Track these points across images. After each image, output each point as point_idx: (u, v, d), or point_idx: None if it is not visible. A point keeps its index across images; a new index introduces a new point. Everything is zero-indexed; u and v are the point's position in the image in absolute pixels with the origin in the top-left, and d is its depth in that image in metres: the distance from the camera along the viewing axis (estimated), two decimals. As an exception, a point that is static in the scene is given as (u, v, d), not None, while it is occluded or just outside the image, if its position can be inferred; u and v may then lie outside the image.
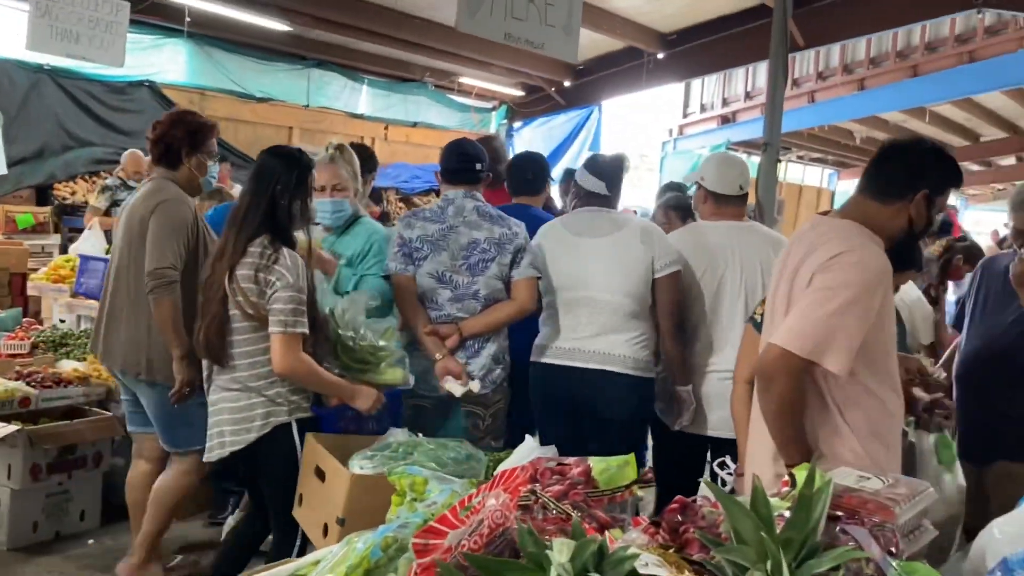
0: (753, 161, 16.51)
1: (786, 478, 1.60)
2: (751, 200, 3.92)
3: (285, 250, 2.79)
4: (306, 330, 2.76)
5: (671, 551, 1.24)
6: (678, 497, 1.35)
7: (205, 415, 2.93)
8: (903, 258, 3.03)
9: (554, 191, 5.43)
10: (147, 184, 3.51)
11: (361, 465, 2.40)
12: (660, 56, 9.90)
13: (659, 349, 3.43)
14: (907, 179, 2.26)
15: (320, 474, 2.45)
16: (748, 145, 15.33)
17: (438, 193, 10.09)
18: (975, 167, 20.22)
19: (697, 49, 9.67)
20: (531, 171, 4.07)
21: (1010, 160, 18.33)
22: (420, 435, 2.67)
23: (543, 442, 2.48)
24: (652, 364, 3.38)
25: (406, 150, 10.48)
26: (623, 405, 3.31)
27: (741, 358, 2.82)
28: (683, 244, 3.46)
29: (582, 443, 3.08)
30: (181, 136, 3.45)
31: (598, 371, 3.29)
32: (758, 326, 2.64)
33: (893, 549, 1.39)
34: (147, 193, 3.43)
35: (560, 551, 0.97)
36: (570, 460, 1.74)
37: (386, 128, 9.81)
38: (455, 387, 3.19)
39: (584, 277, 3.34)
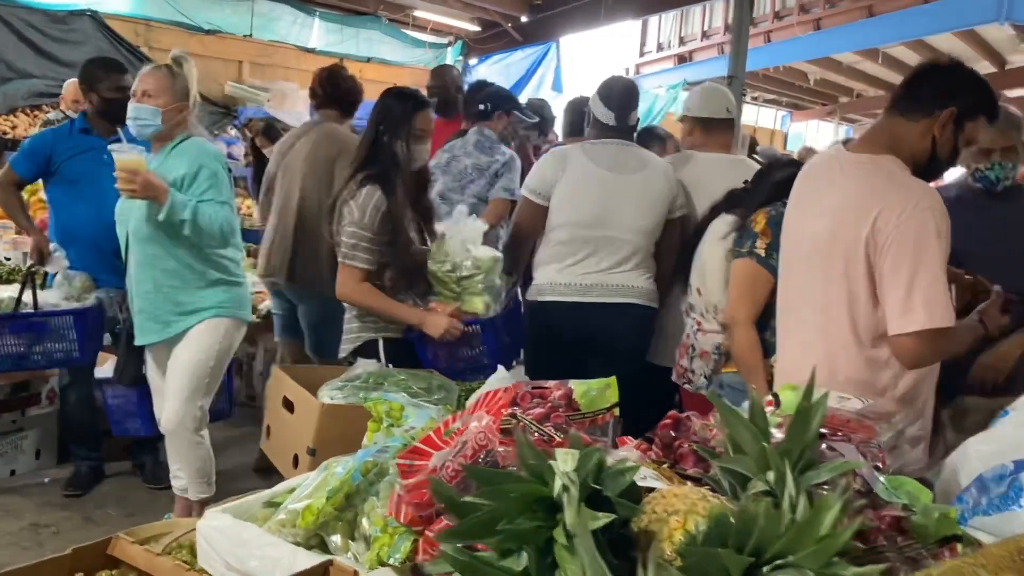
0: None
1: (769, 397, 1.59)
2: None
3: (366, 189, 2.92)
4: (363, 265, 2.92)
5: (665, 466, 1.22)
6: (671, 412, 1.34)
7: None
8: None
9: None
10: (320, 125, 4.06)
11: (331, 395, 2.37)
12: (618, -9, 9.76)
13: None
14: (935, 95, 2.17)
15: (288, 405, 2.41)
16: (704, 85, 15.31)
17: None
18: (924, 110, 20.48)
19: (656, -16, 9.55)
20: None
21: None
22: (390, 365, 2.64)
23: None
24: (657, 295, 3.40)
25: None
26: (639, 336, 3.34)
27: (740, 297, 2.69)
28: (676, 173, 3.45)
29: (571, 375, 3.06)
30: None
31: (618, 304, 3.26)
32: (764, 262, 2.58)
33: (879, 465, 1.39)
34: (327, 134, 3.99)
35: (564, 461, 0.94)
36: (550, 383, 1.72)
37: (341, 63, 9.54)
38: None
39: (610, 215, 3.25)
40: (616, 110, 3.31)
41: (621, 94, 3.35)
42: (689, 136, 3.59)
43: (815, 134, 20.89)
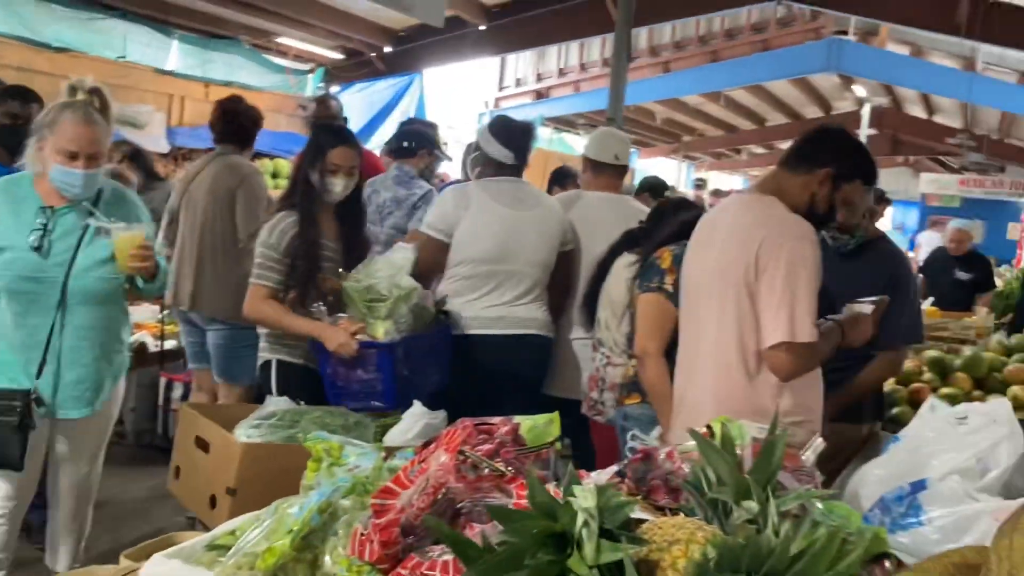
0: (564, 139, 17.02)
1: (704, 429, 1.71)
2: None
3: (281, 214, 3.12)
4: (268, 283, 3.06)
5: (639, 498, 1.31)
6: (640, 447, 1.42)
7: (254, 355, 3.26)
8: None
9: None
10: (221, 157, 4.21)
11: (248, 434, 2.34)
12: (483, 27, 9.97)
13: None
14: (818, 154, 2.41)
15: (202, 444, 2.35)
16: (560, 121, 15.79)
17: (253, 156, 9.75)
18: (759, 149, 21.85)
19: (520, 22, 9.82)
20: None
21: (789, 144, 19.89)
22: (302, 402, 2.63)
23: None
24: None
25: (218, 110, 9.95)
26: (540, 365, 3.43)
27: (650, 330, 2.83)
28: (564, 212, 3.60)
29: (494, 411, 3.09)
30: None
31: (522, 335, 3.35)
32: (672, 297, 2.72)
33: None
34: (228, 166, 4.14)
35: (584, 497, 1.01)
36: (495, 420, 1.78)
37: (207, 87, 9.27)
38: None
39: (511, 250, 3.35)
40: (515, 150, 3.44)
41: (522, 135, 3.49)
42: (583, 174, 3.83)
43: (660, 171, 21.87)
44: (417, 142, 4.39)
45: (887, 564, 1.42)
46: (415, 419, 2.49)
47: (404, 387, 2.98)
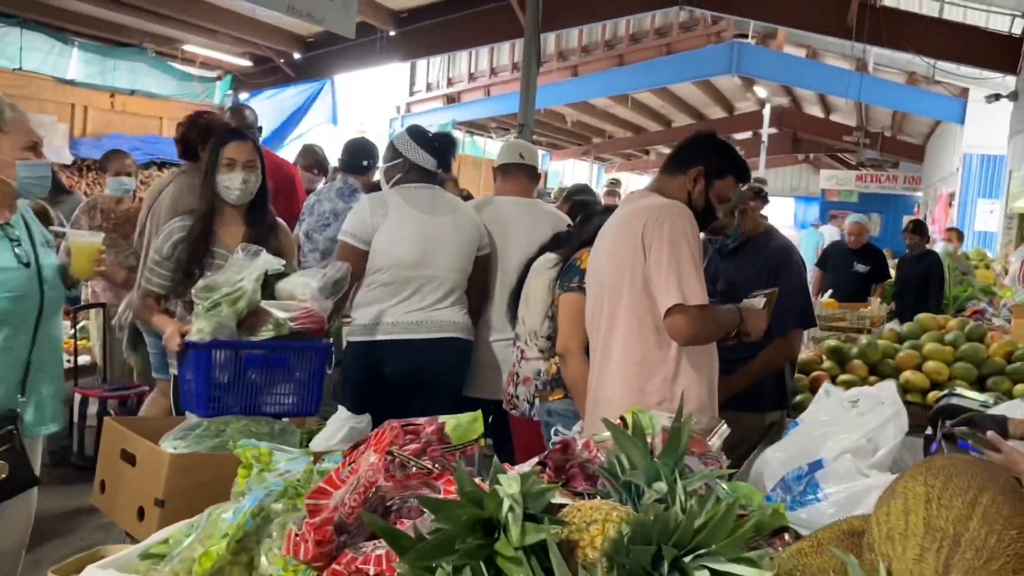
0: (476, 142, 17.11)
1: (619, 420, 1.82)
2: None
3: (178, 218, 3.15)
4: (148, 285, 3.09)
5: (559, 485, 1.41)
6: (560, 438, 1.52)
7: None
8: None
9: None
10: (185, 173, 4.11)
11: (174, 445, 2.35)
12: (392, 33, 10.00)
13: None
14: (689, 156, 2.61)
15: (128, 457, 2.36)
16: (472, 125, 15.91)
17: (160, 166, 9.57)
18: (667, 150, 22.35)
19: (429, 28, 9.89)
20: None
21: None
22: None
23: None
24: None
25: (122, 119, 9.76)
26: (461, 368, 3.49)
27: (571, 329, 2.91)
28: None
29: (417, 414, 3.13)
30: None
31: (443, 339, 3.40)
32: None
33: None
34: (191, 182, 3.94)
35: (509, 485, 1.10)
36: (421, 420, 1.86)
37: (112, 96, 9.07)
38: None
39: (430, 255, 3.40)
40: (441, 156, 3.52)
41: (446, 143, 3.59)
42: (495, 182, 3.95)
43: (572, 172, 22.19)
44: (372, 161, 4.73)
45: (786, 536, 1.55)
46: (340, 424, 2.54)
47: (225, 396, 2.74)
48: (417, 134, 3.58)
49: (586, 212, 3.51)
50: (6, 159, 2.55)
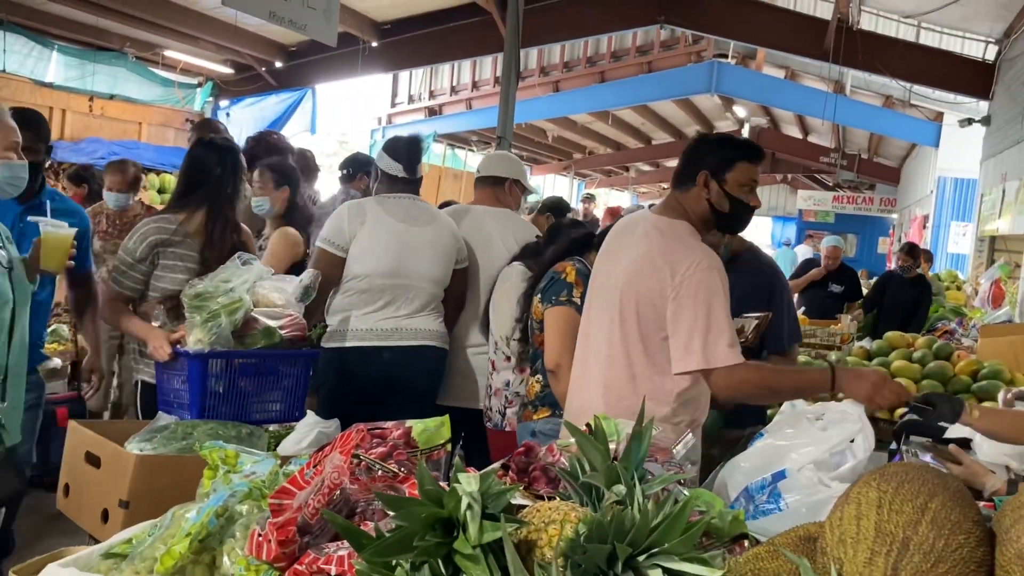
0: (458, 155, 17.14)
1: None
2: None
3: (149, 219, 3.12)
4: (118, 288, 3.06)
5: (521, 488, 1.42)
6: (525, 442, 1.53)
7: None
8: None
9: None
10: None
11: (140, 447, 2.34)
12: (374, 44, 10.03)
13: None
14: (690, 165, 2.56)
15: (92, 459, 2.35)
16: (453, 138, 15.95)
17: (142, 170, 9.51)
18: (646, 167, 22.52)
19: (411, 40, 9.92)
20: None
21: (675, 162, 20.66)
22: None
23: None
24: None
25: (101, 123, 9.70)
26: (435, 376, 3.50)
27: (563, 344, 2.88)
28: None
29: (377, 415, 3.14)
30: None
31: (417, 347, 3.40)
32: (580, 309, 2.79)
33: (681, 481, 1.67)
34: None
35: (468, 483, 1.11)
36: (388, 424, 1.87)
37: (91, 100, 9.02)
38: None
39: (406, 265, 3.40)
40: (405, 161, 3.50)
41: (408, 147, 3.55)
42: (476, 192, 3.97)
43: (552, 187, 22.27)
44: (354, 168, 4.95)
45: (746, 543, 1.57)
46: (308, 428, 2.54)
47: (219, 405, 2.81)
48: (386, 142, 3.63)
49: (554, 225, 3.53)
50: None
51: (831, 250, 7.81)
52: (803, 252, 16.71)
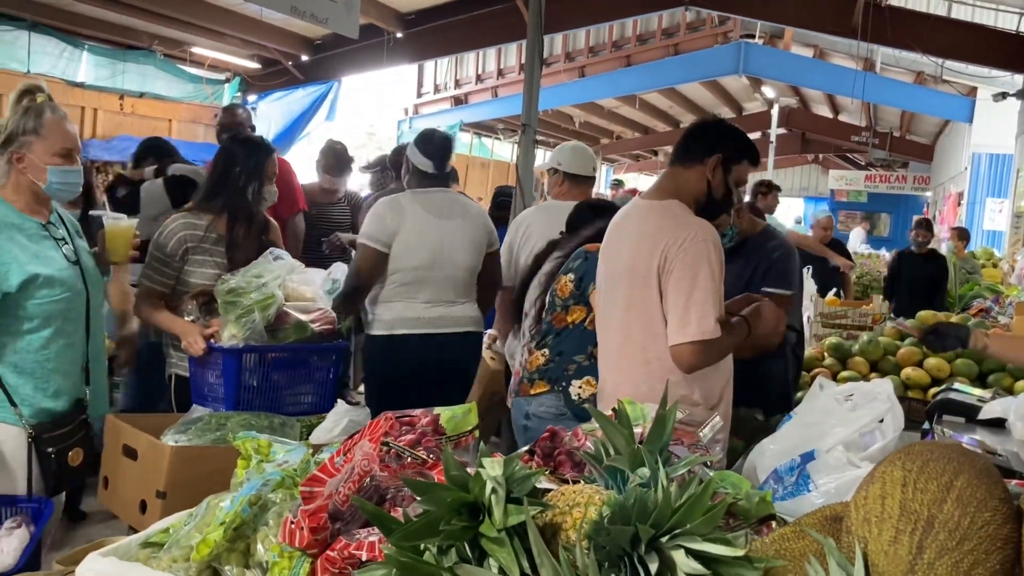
0: (484, 143, 17.15)
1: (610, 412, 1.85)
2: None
3: (176, 216, 3.13)
4: (148, 283, 3.07)
5: (546, 471, 1.44)
6: (549, 427, 1.55)
7: None
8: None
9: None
10: None
11: (176, 439, 2.39)
12: (399, 35, 10.05)
13: None
14: (704, 145, 2.57)
15: (130, 452, 2.40)
16: (479, 127, 15.96)
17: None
18: (675, 151, 22.35)
19: (435, 30, 9.93)
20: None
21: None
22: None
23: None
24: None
25: (132, 121, 9.84)
26: (475, 359, 3.73)
27: None
28: (539, 219, 3.91)
29: (422, 401, 3.20)
30: None
31: (462, 333, 3.60)
32: None
33: (708, 463, 1.68)
34: None
35: (492, 468, 1.13)
36: (416, 412, 1.89)
37: (121, 99, 9.15)
38: None
39: (445, 256, 3.56)
40: (436, 159, 3.61)
41: (441, 145, 3.66)
42: (558, 187, 4.05)
43: (580, 173, 22.17)
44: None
45: (773, 524, 1.57)
46: (339, 416, 2.57)
47: (253, 398, 2.87)
48: (419, 137, 3.73)
49: (575, 210, 3.59)
50: (38, 163, 2.56)
51: (827, 220, 7.71)
52: (857, 236, 16.60)
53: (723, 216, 2.78)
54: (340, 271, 3.15)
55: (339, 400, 2.66)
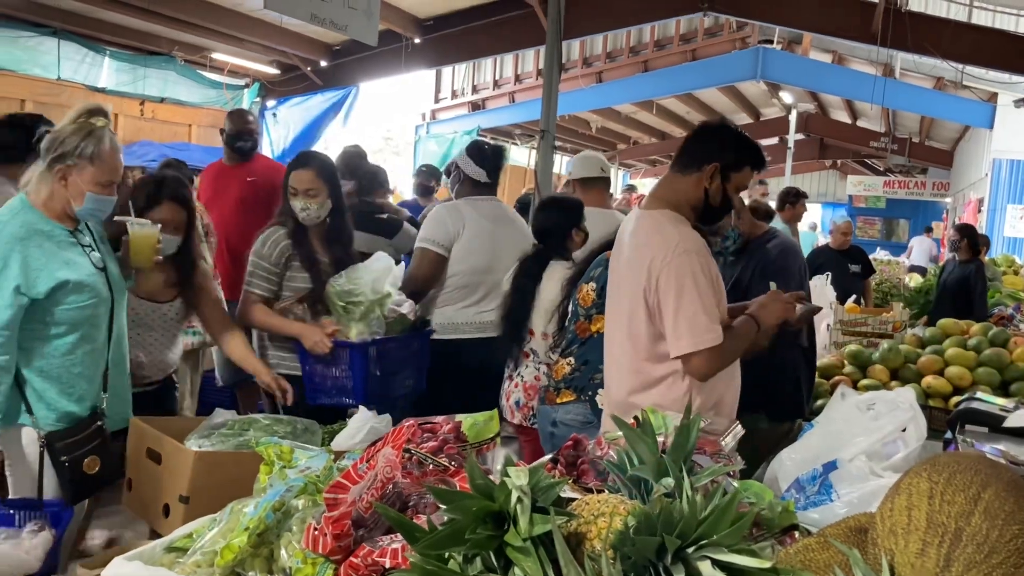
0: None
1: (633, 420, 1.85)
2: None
3: (272, 227, 3.33)
4: (257, 290, 3.28)
5: (570, 480, 1.44)
6: (572, 435, 1.55)
7: None
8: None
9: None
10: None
11: (199, 443, 2.41)
12: (417, 41, 10.07)
13: None
14: (703, 152, 2.55)
15: (153, 456, 2.42)
16: (497, 132, 15.97)
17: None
18: (692, 156, 22.28)
19: (453, 36, 9.94)
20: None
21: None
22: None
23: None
24: None
25: (152, 126, 9.92)
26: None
27: None
28: None
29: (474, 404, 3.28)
30: None
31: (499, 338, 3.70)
32: None
33: (731, 473, 1.68)
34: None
35: (518, 477, 1.13)
36: (438, 419, 1.90)
37: (142, 104, 9.22)
38: None
39: (497, 262, 3.72)
40: (490, 168, 3.79)
41: (493, 156, 3.85)
42: (574, 195, 4.15)
43: (597, 178, 22.16)
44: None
45: (796, 535, 1.57)
46: (361, 423, 2.58)
47: (375, 386, 3.20)
48: (472, 148, 3.91)
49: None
50: (81, 187, 2.59)
51: (846, 225, 7.51)
52: (919, 244, 16.40)
53: (724, 219, 2.79)
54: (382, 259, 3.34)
55: (361, 407, 2.67)
